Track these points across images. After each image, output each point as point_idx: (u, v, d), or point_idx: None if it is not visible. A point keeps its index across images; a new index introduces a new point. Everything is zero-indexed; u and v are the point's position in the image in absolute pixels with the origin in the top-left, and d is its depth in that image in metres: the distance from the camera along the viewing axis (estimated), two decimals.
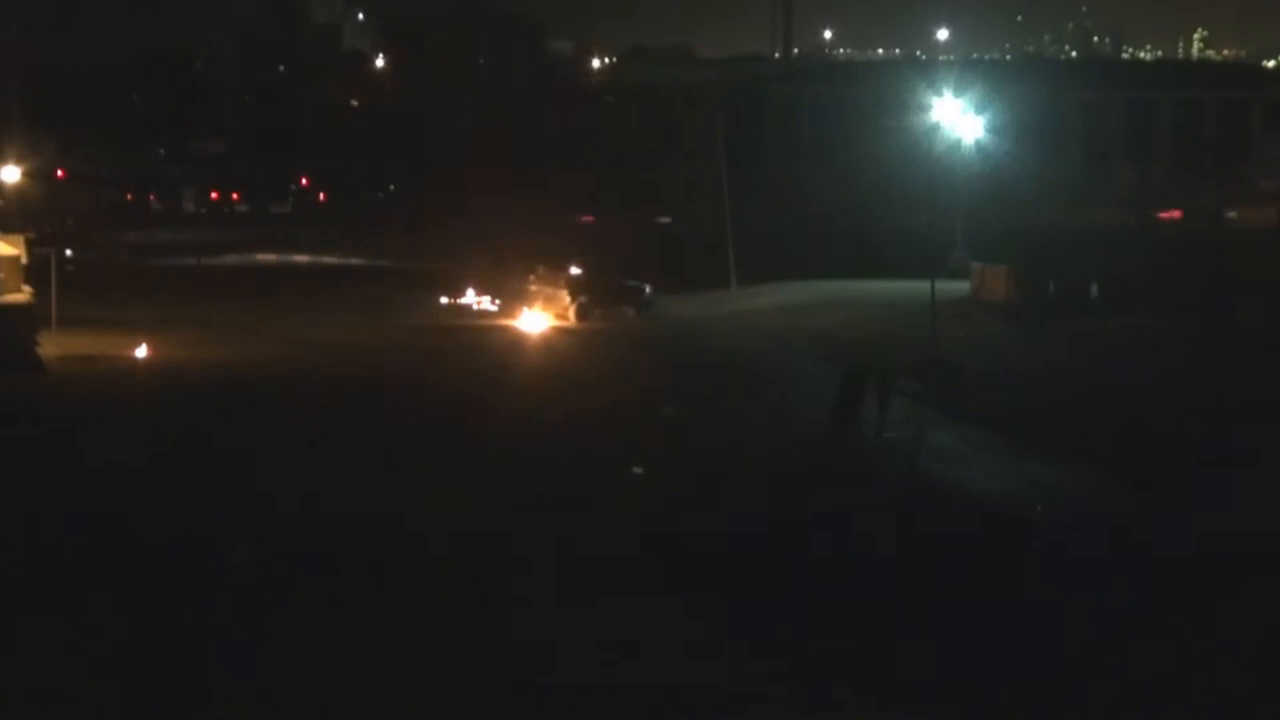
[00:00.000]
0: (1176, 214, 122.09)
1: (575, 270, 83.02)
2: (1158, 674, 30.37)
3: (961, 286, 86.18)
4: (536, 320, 79.37)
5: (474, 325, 79.63)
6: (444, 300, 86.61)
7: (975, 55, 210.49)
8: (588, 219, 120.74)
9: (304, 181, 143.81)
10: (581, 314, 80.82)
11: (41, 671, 28.96)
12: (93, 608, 32.26)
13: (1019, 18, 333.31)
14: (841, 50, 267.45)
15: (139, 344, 66.02)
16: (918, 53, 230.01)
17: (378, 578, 33.84)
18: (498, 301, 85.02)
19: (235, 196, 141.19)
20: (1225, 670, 30.55)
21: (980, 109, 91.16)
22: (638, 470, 45.82)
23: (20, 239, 71.55)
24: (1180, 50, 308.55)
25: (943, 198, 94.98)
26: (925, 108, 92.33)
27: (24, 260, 70.47)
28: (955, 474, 46.85)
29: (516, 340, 74.35)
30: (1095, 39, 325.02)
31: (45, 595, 33.34)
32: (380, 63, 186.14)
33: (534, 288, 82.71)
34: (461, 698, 27.01)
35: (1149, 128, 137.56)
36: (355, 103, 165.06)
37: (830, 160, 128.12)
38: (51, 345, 66.06)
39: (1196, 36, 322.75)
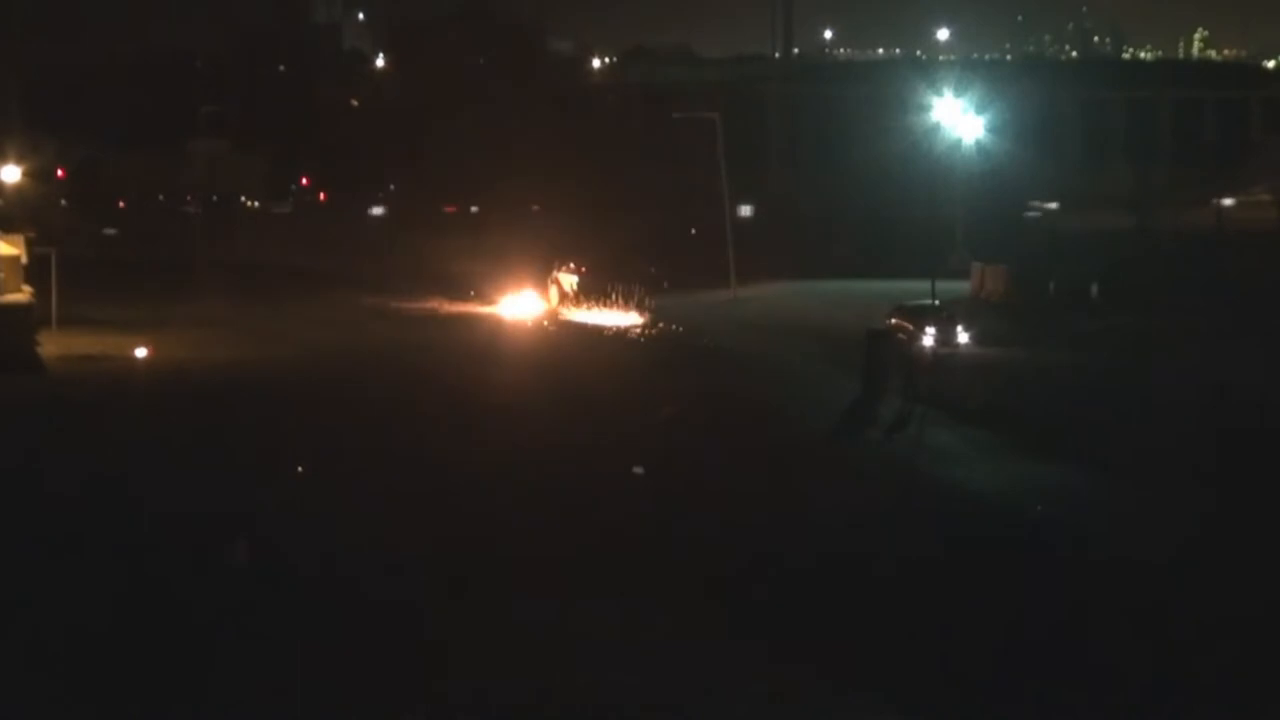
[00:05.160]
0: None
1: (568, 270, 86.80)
2: (1155, 672, 30.39)
3: (962, 286, 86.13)
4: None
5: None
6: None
7: (975, 55, 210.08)
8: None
9: (304, 181, 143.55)
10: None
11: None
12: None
13: (1019, 18, 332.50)
14: (841, 50, 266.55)
15: (139, 344, 65.97)
16: (918, 53, 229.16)
17: None
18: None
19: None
20: (1221, 669, 30.56)
21: (980, 109, 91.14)
22: (638, 470, 45.95)
23: (20, 239, 71.35)
24: (1180, 50, 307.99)
25: (943, 197, 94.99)
26: (925, 108, 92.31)
27: (24, 260, 70.33)
28: (955, 474, 46.87)
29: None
30: (1095, 39, 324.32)
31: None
32: (380, 63, 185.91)
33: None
34: None
35: (1149, 128, 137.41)
36: (355, 103, 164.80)
37: (830, 160, 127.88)
38: (51, 345, 66.00)
39: (1196, 36, 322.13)
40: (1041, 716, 28.45)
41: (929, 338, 68.46)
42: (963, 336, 70.40)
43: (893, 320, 71.09)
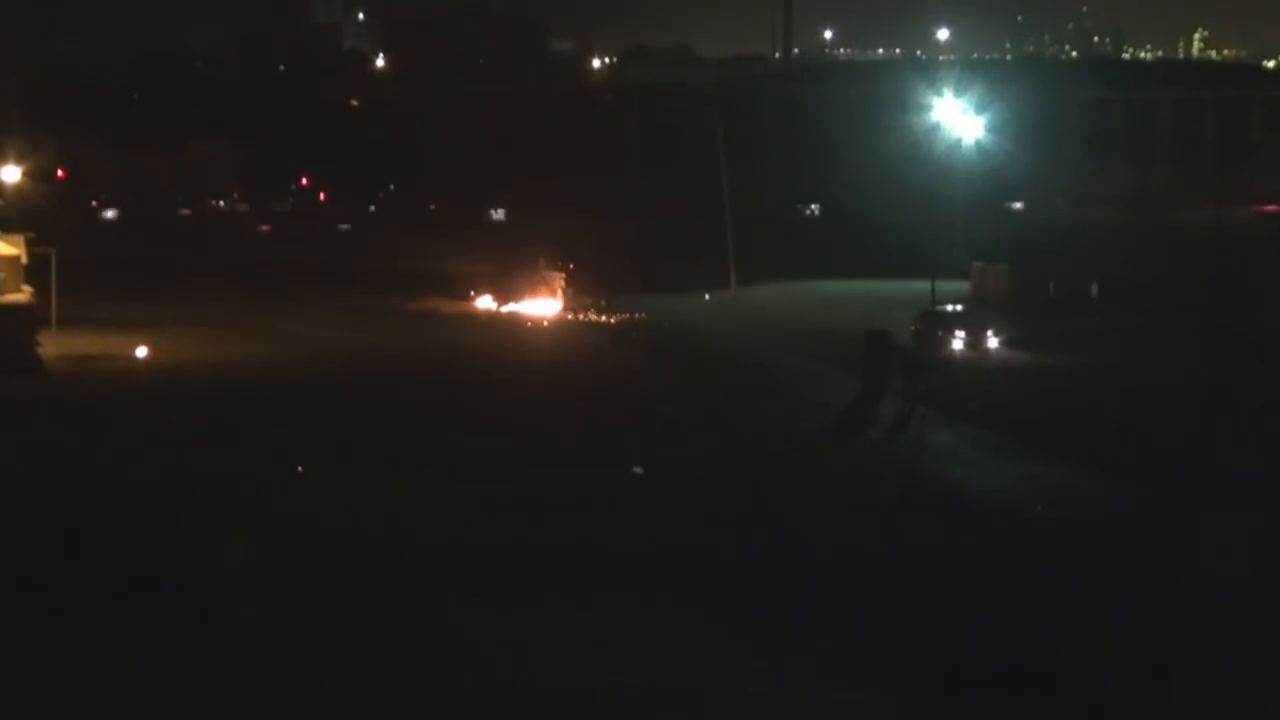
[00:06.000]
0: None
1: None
2: (1154, 673, 30.43)
3: (961, 286, 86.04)
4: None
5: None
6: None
7: (975, 55, 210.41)
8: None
9: (304, 181, 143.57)
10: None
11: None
12: None
13: (1019, 18, 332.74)
14: (841, 50, 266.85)
15: (139, 344, 65.92)
16: (918, 53, 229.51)
17: None
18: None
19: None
20: (1221, 671, 30.62)
21: (980, 109, 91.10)
22: (638, 470, 45.96)
23: (20, 239, 71.25)
24: (1180, 50, 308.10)
25: (943, 198, 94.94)
26: (925, 108, 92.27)
27: (24, 260, 70.25)
28: (955, 473, 46.88)
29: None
30: (1095, 39, 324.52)
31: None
32: (380, 63, 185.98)
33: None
34: None
35: (1149, 128, 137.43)
36: (355, 103, 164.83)
37: (830, 160, 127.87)
38: (51, 345, 65.89)
39: (1196, 36, 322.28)
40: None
41: (958, 341, 68.08)
42: (992, 341, 69.83)
43: (920, 324, 70.73)
